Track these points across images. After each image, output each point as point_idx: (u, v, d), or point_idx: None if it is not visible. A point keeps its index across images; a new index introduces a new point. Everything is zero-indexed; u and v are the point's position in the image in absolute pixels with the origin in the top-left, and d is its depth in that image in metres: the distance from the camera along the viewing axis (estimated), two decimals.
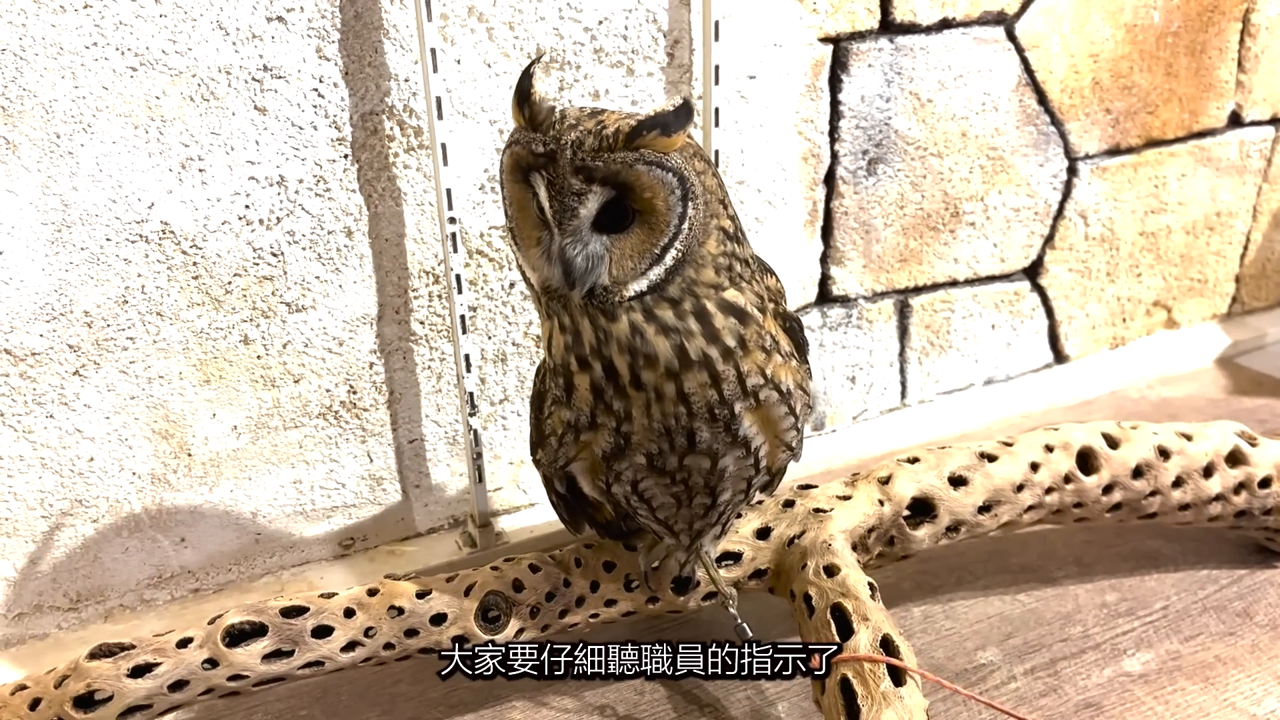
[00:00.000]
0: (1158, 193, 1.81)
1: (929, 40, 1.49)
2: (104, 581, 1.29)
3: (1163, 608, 1.30)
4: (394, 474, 1.40)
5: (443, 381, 1.37)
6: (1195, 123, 1.79)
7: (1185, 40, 1.71)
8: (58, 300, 1.14)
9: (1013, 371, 1.83)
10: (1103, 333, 1.89)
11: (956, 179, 1.61)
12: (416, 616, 1.04)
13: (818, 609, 1.05)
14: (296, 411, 1.30)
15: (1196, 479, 1.26)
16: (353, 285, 1.27)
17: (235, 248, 1.20)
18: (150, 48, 1.09)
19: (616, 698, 1.18)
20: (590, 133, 0.82)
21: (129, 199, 1.13)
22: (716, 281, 0.87)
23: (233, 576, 1.36)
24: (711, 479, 0.97)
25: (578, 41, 1.27)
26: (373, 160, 1.23)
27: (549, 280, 0.87)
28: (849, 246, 1.58)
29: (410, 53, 1.19)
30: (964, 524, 1.20)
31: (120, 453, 1.24)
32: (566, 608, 1.10)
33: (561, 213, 0.83)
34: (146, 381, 1.22)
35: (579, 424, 0.94)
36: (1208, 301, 1.99)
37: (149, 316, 1.19)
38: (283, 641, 1.00)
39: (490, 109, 1.26)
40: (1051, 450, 1.23)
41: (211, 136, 1.15)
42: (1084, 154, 1.71)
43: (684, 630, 1.28)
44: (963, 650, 1.24)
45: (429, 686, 1.20)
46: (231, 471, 1.30)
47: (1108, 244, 1.81)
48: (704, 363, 0.88)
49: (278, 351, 1.27)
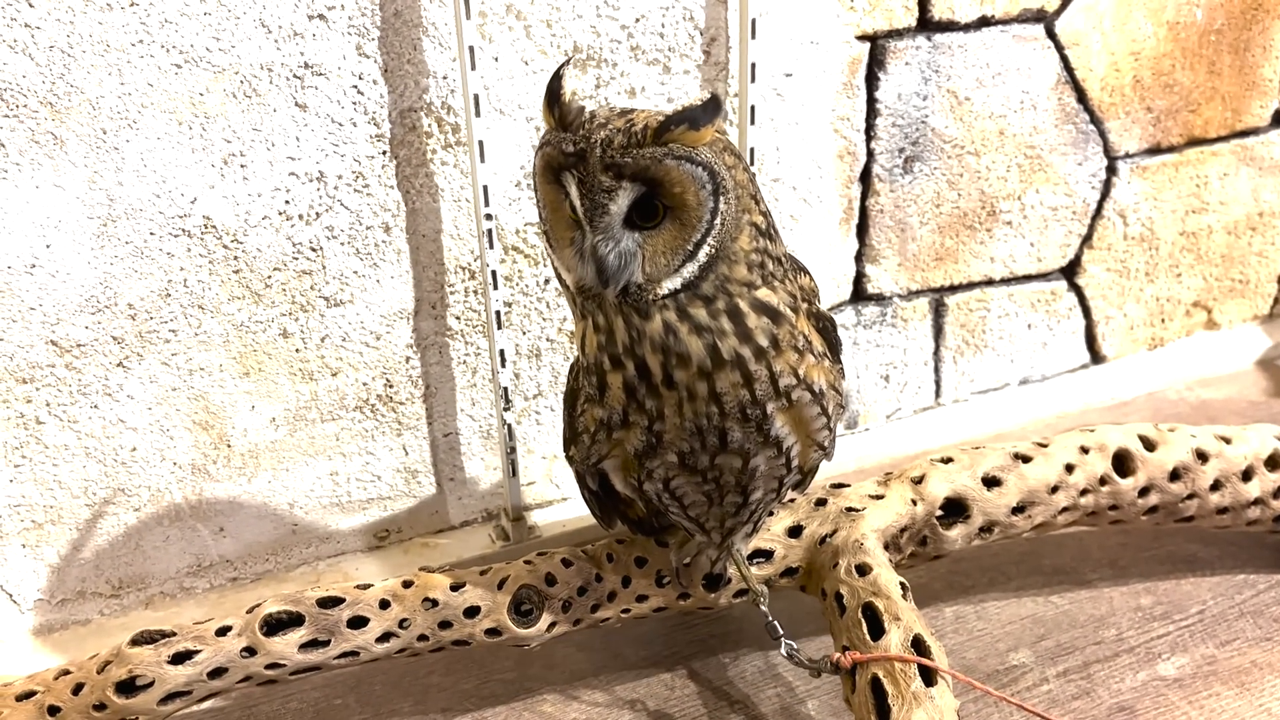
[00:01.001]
0: (1199, 192, 1.79)
1: (967, 38, 1.48)
2: (145, 569, 1.32)
3: (1199, 612, 1.29)
4: (429, 467, 1.41)
5: (477, 376, 1.39)
6: (1238, 121, 1.77)
7: (1228, 38, 1.68)
8: (103, 293, 1.16)
9: (1048, 372, 1.82)
10: (1141, 333, 1.87)
11: (994, 178, 1.60)
12: (450, 609, 1.05)
13: (849, 608, 1.05)
14: (334, 404, 1.32)
15: (1235, 482, 1.25)
16: (390, 280, 1.29)
17: (275, 242, 1.22)
18: (194, 45, 1.11)
19: (647, 693, 1.19)
20: (619, 130, 0.82)
21: (172, 194, 1.15)
22: (749, 279, 0.88)
23: (270, 566, 1.38)
24: (743, 478, 0.97)
25: (614, 39, 1.28)
26: (410, 157, 1.24)
27: (583, 279, 0.88)
28: (884, 245, 1.57)
29: (449, 50, 1.20)
30: (997, 525, 1.20)
31: (162, 443, 1.26)
32: (598, 602, 1.11)
33: (592, 210, 0.84)
34: (188, 373, 1.24)
35: (611, 422, 0.95)
36: (1249, 302, 1.96)
37: (191, 309, 1.21)
38: (319, 631, 1.02)
39: (527, 106, 1.27)
40: (1087, 452, 1.22)
41: (253, 132, 1.16)
42: (1124, 153, 1.69)
43: (714, 627, 1.28)
44: (994, 651, 1.24)
45: (461, 678, 1.22)
46: (269, 463, 1.32)
47: (1147, 244, 1.79)
48: (736, 362, 0.88)
49: (316, 345, 1.28)
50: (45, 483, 1.23)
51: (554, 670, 1.22)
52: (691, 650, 1.25)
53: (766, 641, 1.22)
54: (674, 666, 1.23)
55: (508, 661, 1.24)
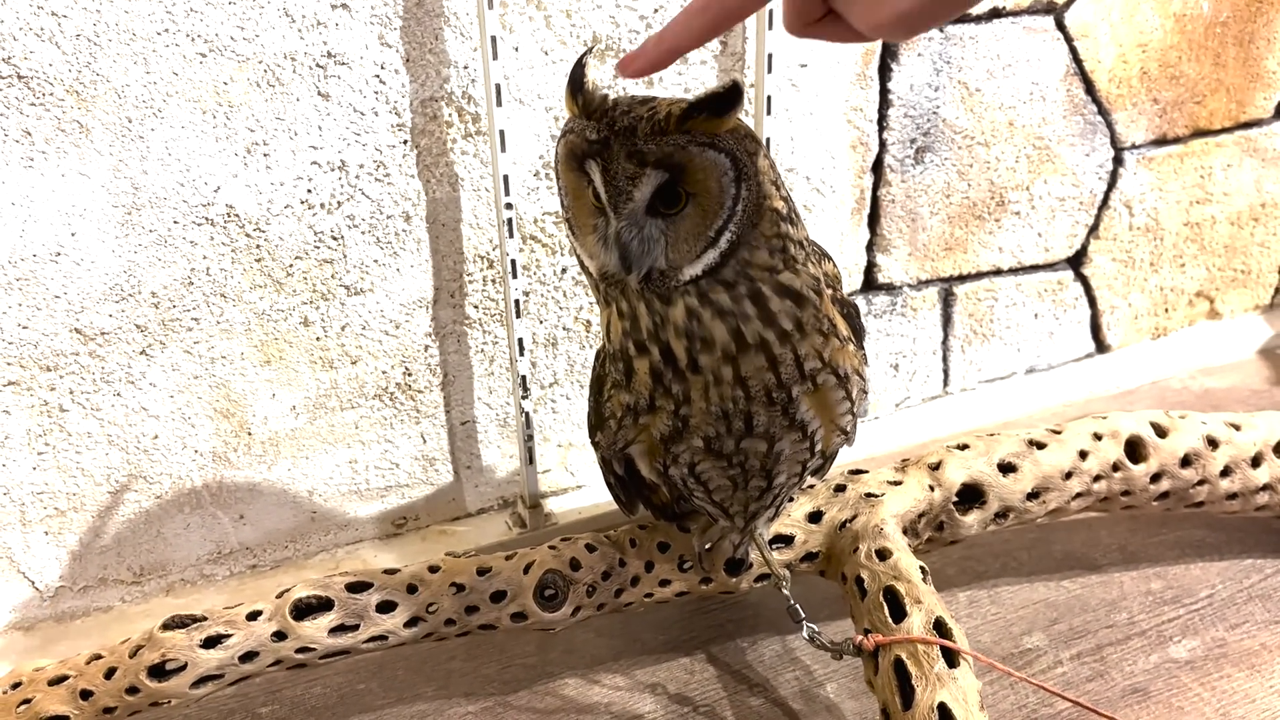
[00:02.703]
0: (1203, 183, 1.81)
1: (978, 30, 1.50)
2: (166, 556, 1.32)
3: (1208, 596, 1.31)
4: (446, 455, 1.42)
5: (495, 365, 1.39)
6: (1242, 113, 1.79)
7: (1234, 30, 1.70)
8: (126, 281, 1.17)
9: (1055, 361, 1.83)
10: (1145, 323, 1.89)
11: (1003, 168, 1.61)
12: (477, 593, 1.06)
13: (870, 592, 1.07)
14: (353, 393, 1.33)
15: (1244, 468, 1.27)
16: (410, 269, 1.30)
17: (297, 231, 1.22)
18: (219, 34, 1.11)
19: (667, 676, 1.20)
20: (642, 117, 0.83)
21: (196, 182, 1.16)
22: (770, 264, 0.88)
23: (289, 554, 1.39)
24: (768, 462, 0.98)
25: (633, 30, 1.29)
26: (431, 146, 1.25)
27: (606, 266, 0.89)
28: (895, 235, 1.59)
29: (470, 40, 1.21)
30: (1012, 510, 1.21)
31: (183, 431, 1.27)
32: (622, 587, 1.12)
33: (616, 197, 0.84)
34: (210, 361, 1.25)
35: (638, 407, 0.96)
36: (1251, 292, 1.98)
37: (213, 298, 1.22)
38: (348, 616, 1.03)
39: (546, 96, 1.28)
40: (1100, 439, 1.24)
41: (276, 122, 1.17)
42: (1130, 144, 1.70)
43: (732, 612, 1.30)
44: (1009, 635, 1.25)
45: (483, 663, 1.23)
46: (289, 451, 1.33)
47: (1152, 234, 1.80)
48: (760, 346, 0.89)
49: (336, 333, 1.29)
50: (68, 470, 1.23)
51: (574, 655, 1.24)
52: (710, 635, 1.26)
53: (784, 625, 1.24)
54: (693, 651, 1.24)
55: (529, 646, 1.25)
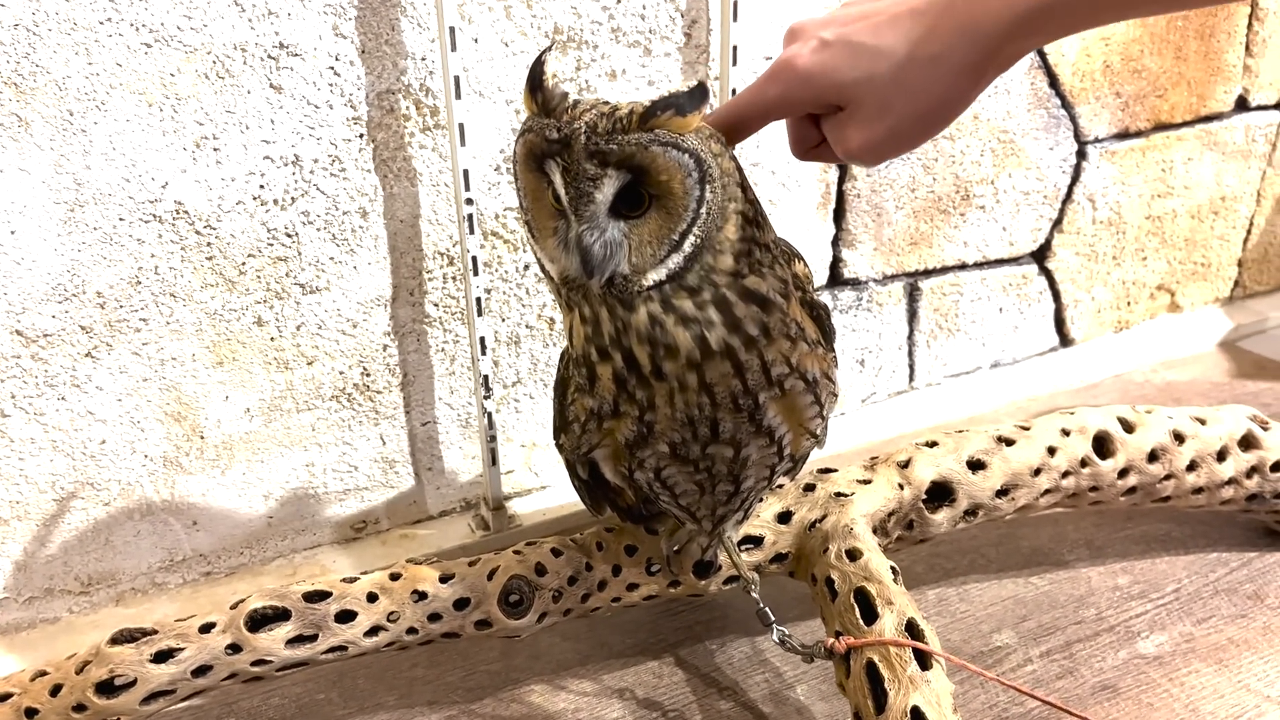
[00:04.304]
0: (1164, 176, 1.81)
1: None
2: (115, 565, 1.28)
3: (1174, 590, 1.31)
4: (407, 457, 1.39)
5: (456, 364, 1.36)
6: (1203, 107, 1.79)
7: (1195, 24, 1.70)
8: (70, 281, 1.12)
9: (1019, 355, 1.83)
10: (1108, 316, 1.89)
11: (968, 162, 1.60)
12: (440, 601, 1.04)
13: (840, 593, 1.05)
14: (310, 394, 1.29)
15: (1210, 463, 1.27)
16: (367, 267, 1.26)
17: (249, 228, 1.19)
18: (165, 24, 1.07)
19: (635, 680, 1.18)
20: (604, 115, 0.80)
21: (142, 178, 1.12)
22: (736, 269, 0.86)
23: (244, 560, 1.35)
24: (735, 467, 0.96)
25: (595, 20, 1.26)
26: (388, 140, 1.21)
27: (567, 270, 0.86)
28: (860, 229, 1.57)
29: (427, 31, 1.18)
30: (982, 508, 1.20)
31: (132, 435, 1.22)
32: (589, 591, 1.10)
33: (577, 198, 0.82)
34: (159, 363, 1.20)
35: (602, 412, 0.93)
36: (1210, 285, 1.99)
37: (162, 298, 1.18)
38: (306, 626, 1.00)
39: (507, 89, 1.25)
40: (1068, 434, 1.23)
41: (226, 115, 1.13)
42: (1093, 137, 1.70)
43: (700, 614, 1.28)
44: (978, 633, 1.25)
45: (446, 670, 1.20)
46: (244, 454, 1.29)
47: (1114, 228, 1.81)
48: (726, 353, 0.87)
49: (291, 333, 1.25)
50: (10, 477, 1.19)
51: (540, 660, 1.21)
52: (678, 638, 1.25)
53: (753, 627, 1.22)
54: (661, 654, 1.22)
55: (493, 653, 1.22)
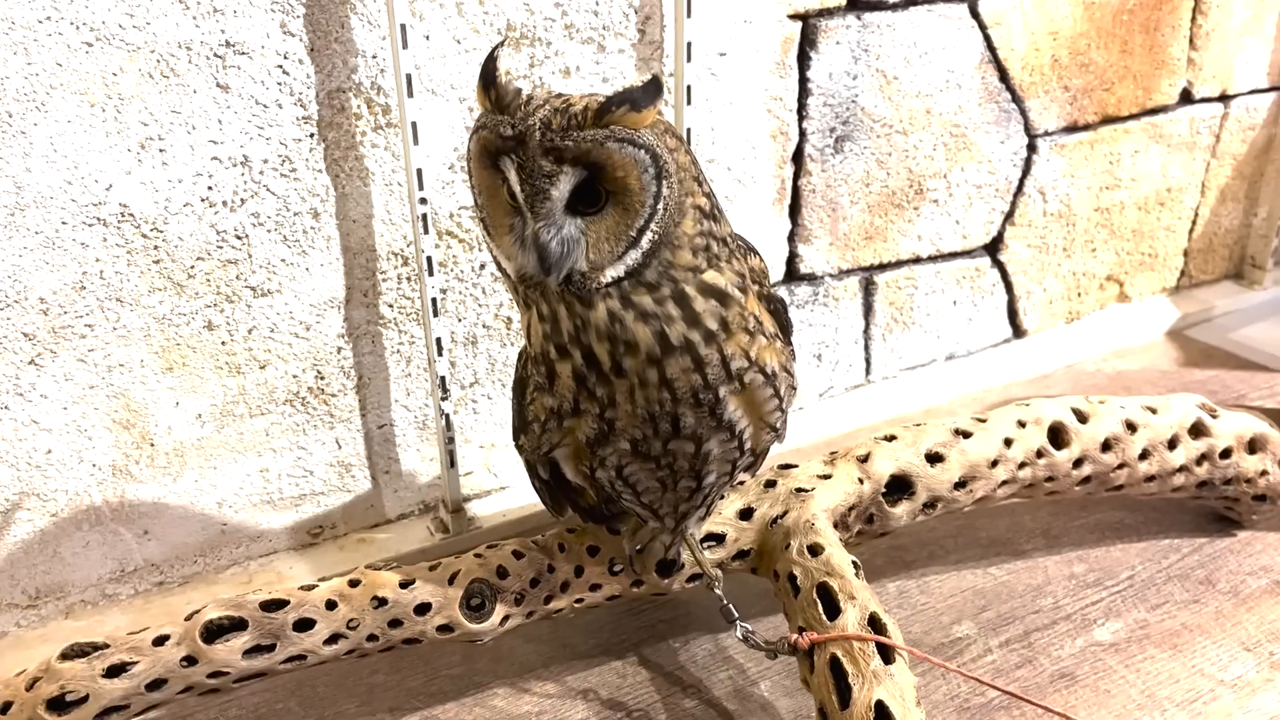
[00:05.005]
0: (1112, 169, 1.84)
1: (895, 17, 1.49)
2: (64, 577, 1.25)
3: (1129, 577, 1.33)
4: (363, 460, 1.37)
5: (412, 366, 1.35)
6: (1149, 100, 1.82)
7: (1140, 18, 1.73)
8: (11, 287, 1.09)
9: (973, 347, 1.85)
10: (1059, 307, 1.92)
11: (921, 156, 1.62)
12: (400, 607, 1.02)
13: (803, 589, 1.05)
14: (263, 398, 1.27)
15: (1162, 451, 1.29)
16: (320, 268, 1.24)
17: (198, 230, 1.16)
18: (106, 22, 1.04)
19: (599, 681, 1.18)
20: (558, 111, 0.80)
21: (85, 180, 1.09)
22: (694, 264, 0.86)
23: (198, 568, 1.32)
24: (696, 462, 0.96)
25: (548, 17, 1.25)
26: (340, 139, 1.19)
27: (524, 268, 0.86)
28: (816, 224, 1.58)
29: (378, 28, 1.16)
30: (941, 500, 1.21)
31: (79, 444, 1.19)
32: (551, 593, 1.09)
33: (533, 196, 0.81)
34: (106, 370, 1.17)
35: (562, 410, 0.93)
36: (1158, 275, 2.03)
37: (108, 303, 1.15)
38: (263, 636, 0.98)
39: (459, 86, 1.23)
40: (1024, 426, 1.25)
41: (172, 115, 1.10)
42: (1043, 131, 1.72)
43: (662, 612, 1.28)
44: (939, 624, 1.26)
45: (407, 675, 1.19)
46: (196, 461, 1.26)
47: (1065, 220, 1.83)
48: (686, 348, 0.87)
49: (243, 337, 1.23)
50: None
51: (502, 663, 1.20)
52: (640, 637, 1.24)
53: (715, 625, 1.22)
54: (624, 654, 1.22)
55: (454, 657, 1.21)
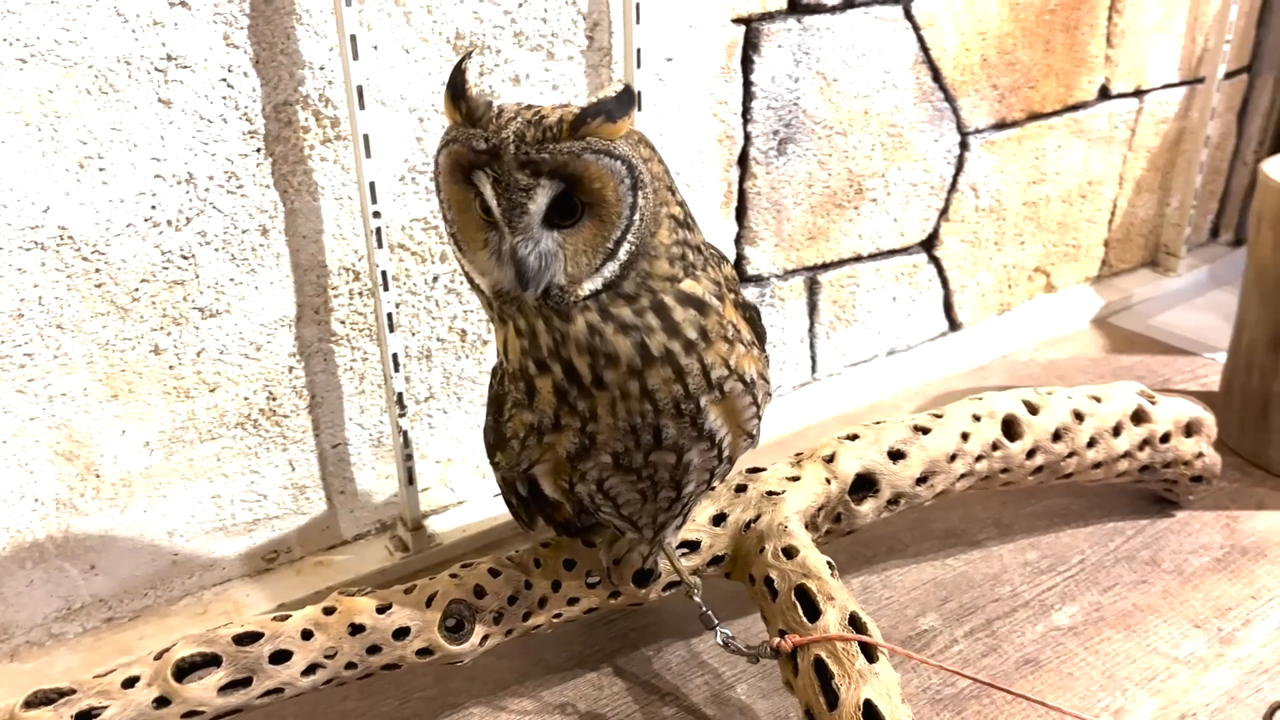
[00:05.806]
0: (1038, 164, 1.89)
1: (834, 20, 1.51)
2: (7, 618, 1.19)
3: (1079, 561, 1.37)
4: (318, 481, 1.33)
5: (366, 382, 1.32)
6: (1070, 96, 1.88)
7: (1061, 17, 1.78)
8: None
9: (913, 341, 1.89)
10: (991, 299, 1.97)
11: (860, 156, 1.64)
12: (378, 633, 1.00)
13: (781, 592, 1.06)
14: (213, 422, 1.23)
15: (1107, 438, 1.33)
16: (269, 286, 1.20)
17: (141, 251, 1.11)
18: (41, 37, 0.99)
19: (575, 694, 1.17)
20: (532, 124, 0.79)
21: (21, 203, 1.04)
22: (671, 274, 0.86)
23: (149, 601, 1.27)
24: (677, 473, 0.96)
25: (497, 25, 1.23)
26: (287, 154, 1.16)
27: (500, 283, 0.84)
28: (762, 226, 1.59)
29: (325, 39, 1.13)
30: (904, 496, 1.23)
31: (20, 478, 1.14)
32: (530, 610, 1.08)
33: (510, 210, 0.80)
34: (47, 400, 1.12)
35: (542, 426, 0.92)
36: (1081, 265, 2.09)
37: (48, 330, 1.09)
38: (239, 671, 0.94)
39: (409, 97, 1.21)
40: (979, 419, 1.28)
41: (112, 132, 1.06)
42: (974, 128, 1.77)
43: (633, 620, 1.27)
44: (905, 618, 1.28)
45: (379, 700, 1.16)
46: (144, 490, 1.21)
47: (995, 214, 1.88)
48: (667, 358, 0.86)
49: (191, 360, 1.19)
50: None
51: (476, 682, 1.18)
52: (614, 647, 1.24)
53: (689, 630, 1.23)
54: (599, 665, 1.21)
55: (426, 678, 1.19)
